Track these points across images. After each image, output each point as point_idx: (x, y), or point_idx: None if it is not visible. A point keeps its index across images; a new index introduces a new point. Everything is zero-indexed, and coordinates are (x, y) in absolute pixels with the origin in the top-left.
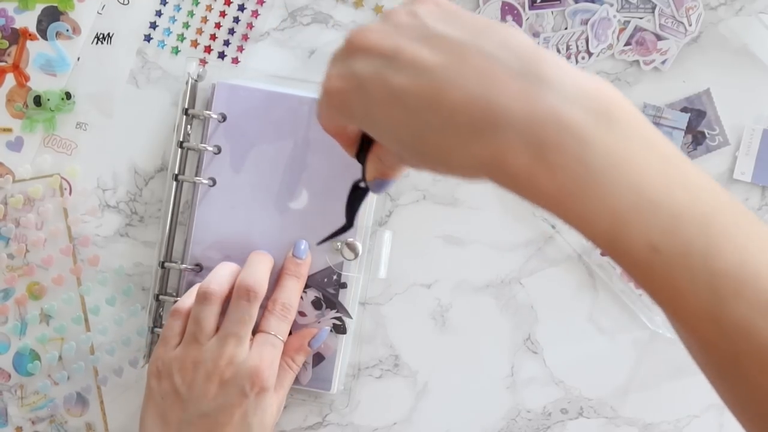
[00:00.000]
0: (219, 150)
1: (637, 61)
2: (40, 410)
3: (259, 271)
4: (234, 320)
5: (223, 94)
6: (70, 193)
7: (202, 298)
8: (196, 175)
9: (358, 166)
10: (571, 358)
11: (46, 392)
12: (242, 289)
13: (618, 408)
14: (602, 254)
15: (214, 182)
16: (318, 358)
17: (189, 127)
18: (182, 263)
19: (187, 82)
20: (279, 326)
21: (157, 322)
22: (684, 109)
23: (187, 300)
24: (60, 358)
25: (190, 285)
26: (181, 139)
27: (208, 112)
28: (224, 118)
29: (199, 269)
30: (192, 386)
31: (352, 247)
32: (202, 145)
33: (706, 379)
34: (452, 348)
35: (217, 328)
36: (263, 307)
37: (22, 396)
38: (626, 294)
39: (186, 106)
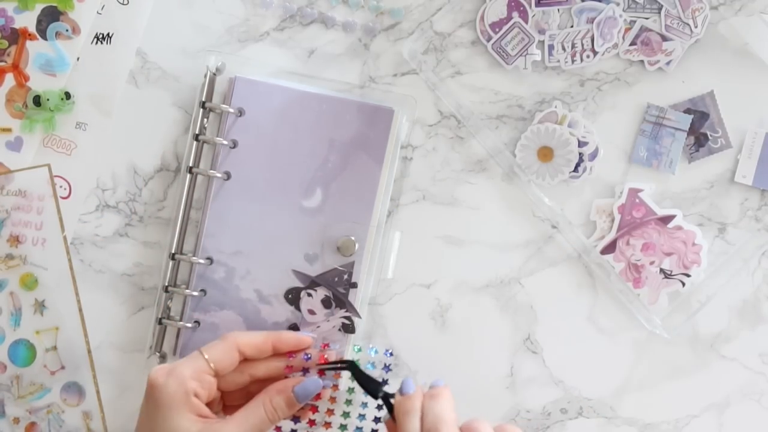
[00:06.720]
0: (235, 144)
1: (641, 62)
2: (36, 401)
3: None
4: None
5: (243, 89)
6: (70, 193)
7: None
8: (211, 169)
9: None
10: (570, 358)
11: (42, 383)
12: None
13: (617, 408)
14: (602, 253)
15: (229, 176)
16: None
17: (205, 120)
18: (193, 256)
19: (205, 75)
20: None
21: (165, 313)
22: (687, 111)
23: None
24: (55, 348)
25: (200, 277)
26: (197, 132)
27: (225, 105)
28: (242, 112)
29: (210, 262)
30: None
31: (348, 245)
32: (218, 138)
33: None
34: (452, 348)
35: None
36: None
37: (18, 387)
38: (625, 294)
39: (204, 99)
